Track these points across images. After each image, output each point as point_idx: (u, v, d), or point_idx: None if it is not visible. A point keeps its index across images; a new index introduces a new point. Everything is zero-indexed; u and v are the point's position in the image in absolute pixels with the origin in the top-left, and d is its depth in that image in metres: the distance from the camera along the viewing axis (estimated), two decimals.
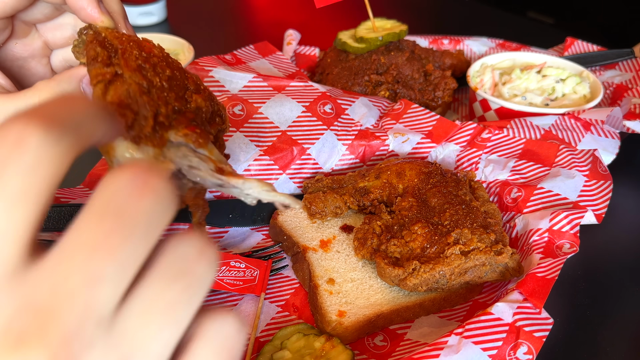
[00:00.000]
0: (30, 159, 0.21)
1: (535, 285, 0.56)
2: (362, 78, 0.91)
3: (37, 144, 0.21)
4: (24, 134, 0.21)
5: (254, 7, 1.52)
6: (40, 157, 0.21)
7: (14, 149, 0.21)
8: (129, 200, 0.22)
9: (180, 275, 0.23)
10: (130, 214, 0.22)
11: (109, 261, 0.21)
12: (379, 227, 0.63)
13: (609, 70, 1.00)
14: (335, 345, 0.54)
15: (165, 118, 0.40)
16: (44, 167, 0.21)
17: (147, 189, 0.22)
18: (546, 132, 0.79)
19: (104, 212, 0.22)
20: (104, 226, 0.21)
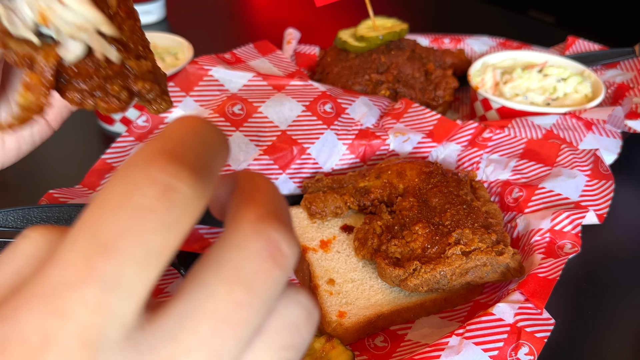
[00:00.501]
0: (178, 214, 0.19)
1: (537, 285, 0.56)
2: (363, 77, 0.90)
3: (188, 196, 0.19)
4: (175, 183, 0.19)
5: (254, 6, 1.52)
6: (187, 212, 0.19)
7: (162, 200, 0.18)
8: (263, 269, 0.20)
9: (288, 348, 0.21)
10: (261, 286, 0.20)
11: (234, 339, 0.19)
12: (380, 227, 0.63)
13: (611, 70, 0.99)
14: (336, 346, 0.53)
15: None
16: (188, 222, 0.19)
17: (281, 259, 0.20)
18: (547, 132, 0.78)
19: (235, 280, 0.19)
20: (234, 297, 0.19)
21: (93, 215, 0.19)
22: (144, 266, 0.18)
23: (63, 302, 0.18)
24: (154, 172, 0.19)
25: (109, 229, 0.18)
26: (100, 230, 0.18)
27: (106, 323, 0.18)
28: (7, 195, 0.76)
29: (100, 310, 0.18)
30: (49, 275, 0.18)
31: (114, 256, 0.18)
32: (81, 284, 0.18)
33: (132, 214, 0.18)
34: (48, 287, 0.18)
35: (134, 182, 0.19)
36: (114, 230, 0.18)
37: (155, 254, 0.19)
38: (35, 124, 0.53)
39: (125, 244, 0.18)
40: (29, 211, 0.60)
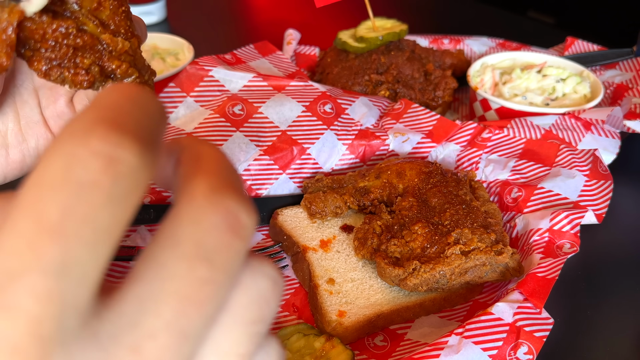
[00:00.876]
0: (126, 187, 0.17)
1: (536, 285, 0.56)
2: (362, 78, 0.90)
3: (134, 167, 0.18)
4: (119, 153, 0.17)
5: (254, 7, 1.52)
6: (135, 183, 0.18)
7: (107, 172, 0.17)
8: (224, 241, 0.19)
9: (257, 321, 0.20)
10: (223, 260, 0.19)
11: (200, 318, 0.18)
12: (379, 227, 0.63)
13: (610, 70, 1.00)
14: (335, 345, 0.54)
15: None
16: (136, 194, 0.18)
17: (241, 230, 0.19)
18: (546, 132, 0.79)
19: (195, 256, 0.18)
20: (196, 274, 0.18)
21: (33, 195, 0.17)
22: (94, 246, 0.17)
23: (8, 296, 0.16)
24: (95, 143, 0.17)
25: (52, 209, 0.16)
26: (42, 211, 0.16)
27: (59, 313, 0.16)
28: None
29: (51, 300, 0.16)
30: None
31: (61, 238, 0.16)
32: (27, 272, 0.16)
33: (76, 190, 0.17)
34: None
35: (74, 155, 0.17)
36: (57, 210, 0.16)
37: (105, 232, 0.17)
38: (42, 137, 0.53)
39: (72, 224, 0.16)
40: None
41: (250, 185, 0.73)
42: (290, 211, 0.71)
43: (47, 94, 0.53)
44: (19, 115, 0.51)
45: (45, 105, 0.52)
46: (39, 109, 0.52)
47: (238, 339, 0.20)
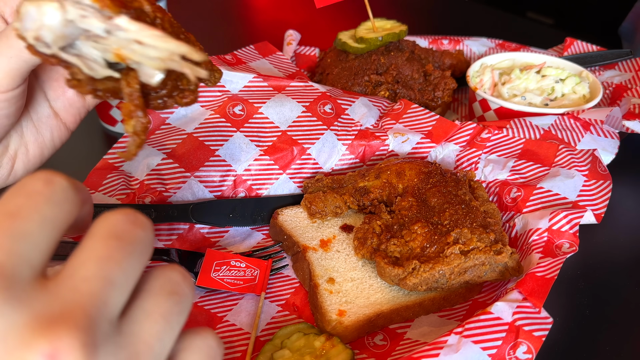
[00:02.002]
0: (59, 196, 0.26)
1: (535, 284, 0.56)
2: (362, 78, 0.91)
3: (64, 186, 0.27)
4: (53, 178, 0.27)
5: (254, 7, 1.52)
6: (66, 195, 0.27)
7: (45, 186, 0.26)
8: (127, 228, 0.27)
9: (172, 292, 0.28)
10: (129, 238, 0.27)
11: (118, 270, 0.26)
12: (379, 227, 0.63)
13: (609, 70, 1.00)
14: (335, 344, 0.54)
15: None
16: (68, 203, 0.27)
17: (139, 223, 0.28)
18: (545, 132, 0.79)
19: (108, 235, 0.26)
20: (110, 245, 0.26)
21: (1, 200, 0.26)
22: (41, 226, 0.25)
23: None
24: (37, 175, 0.27)
25: (11, 205, 0.25)
26: (5, 207, 0.25)
27: (18, 264, 0.24)
28: None
29: (12, 253, 0.24)
30: None
31: (18, 218, 0.25)
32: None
33: (26, 195, 0.26)
34: None
35: (23, 181, 0.27)
36: (14, 205, 0.25)
37: (48, 219, 0.26)
38: (55, 128, 0.54)
39: (25, 212, 0.25)
40: None
41: (250, 185, 0.74)
42: (290, 211, 0.71)
43: (54, 86, 0.54)
44: (30, 113, 0.53)
45: (54, 97, 0.54)
46: (47, 102, 0.54)
47: (158, 301, 0.27)
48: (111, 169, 0.70)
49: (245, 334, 0.58)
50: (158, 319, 0.27)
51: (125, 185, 0.69)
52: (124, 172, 0.70)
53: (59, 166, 0.83)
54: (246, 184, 0.74)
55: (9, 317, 0.23)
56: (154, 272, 0.29)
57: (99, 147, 0.87)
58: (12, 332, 0.22)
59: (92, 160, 0.72)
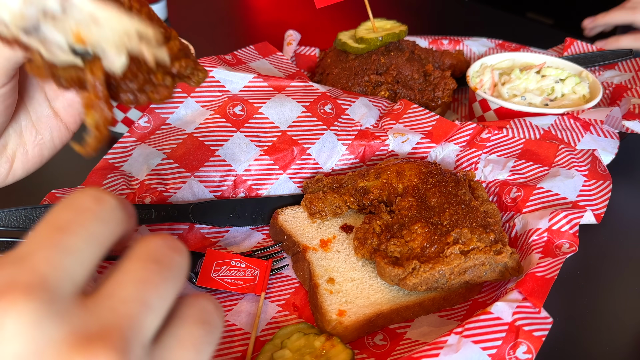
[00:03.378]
0: (108, 214, 0.27)
1: (535, 284, 0.56)
2: (362, 78, 0.91)
3: (113, 205, 0.28)
4: (103, 196, 0.27)
5: (254, 8, 1.52)
6: (114, 214, 0.27)
7: (95, 203, 0.27)
8: (165, 252, 0.28)
9: (204, 321, 0.28)
10: (167, 263, 0.28)
11: (155, 294, 0.26)
12: (379, 227, 0.63)
13: (608, 71, 1.00)
14: (335, 344, 0.54)
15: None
16: (115, 221, 0.27)
17: (177, 249, 0.28)
18: (545, 132, 0.79)
19: (147, 259, 0.27)
20: (149, 268, 0.27)
21: (48, 216, 0.26)
22: (88, 242, 0.26)
23: (29, 261, 0.24)
24: (87, 191, 0.27)
25: (61, 219, 0.26)
26: (55, 221, 0.26)
27: (62, 278, 0.24)
28: (10, 195, 0.77)
29: (57, 267, 0.24)
30: (17, 251, 0.24)
31: (66, 233, 0.25)
32: (43, 249, 0.24)
33: (76, 210, 0.26)
34: (16, 256, 0.24)
35: (73, 197, 0.27)
36: (64, 220, 0.26)
37: (95, 236, 0.26)
38: (55, 129, 0.54)
39: (74, 227, 0.26)
40: (31, 211, 0.61)
41: (250, 185, 0.74)
42: (290, 211, 0.71)
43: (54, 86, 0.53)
44: (29, 112, 0.52)
45: (54, 97, 0.53)
46: (47, 102, 0.53)
47: (191, 329, 0.28)
48: (111, 169, 0.71)
49: (246, 334, 0.58)
50: (189, 347, 0.27)
51: (126, 185, 0.69)
52: (124, 172, 0.70)
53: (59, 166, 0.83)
54: (246, 184, 0.74)
55: (49, 331, 0.23)
56: (187, 300, 0.29)
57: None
58: (51, 346, 0.23)
59: (92, 160, 0.72)
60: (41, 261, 0.24)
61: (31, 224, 0.61)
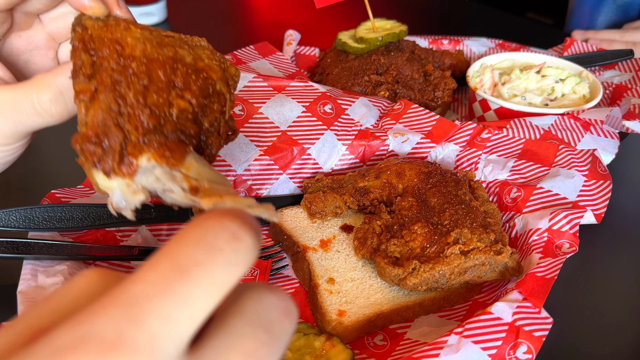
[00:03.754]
0: (240, 258, 0.23)
1: (535, 284, 0.56)
2: (362, 78, 0.91)
3: (249, 245, 0.24)
4: (241, 233, 0.24)
5: (254, 8, 1.52)
6: (246, 258, 0.24)
7: (230, 243, 0.23)
8: (278, 318, 0.25)
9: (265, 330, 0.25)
10: (277, 333, 0.24)
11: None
12: (379, 227, 0.63)
13: (609, 71, 1.00)
14: (335, 344, 0.54)
15: (134, 147, 0.39)
16: (245, 266, 0.24)
17: (290, 313, 0.26)
18: (545, 132, 0.79)
19: (258, 324, 0.24)
20: (258, 338, 0.24)
21: (173, 248, 0.23)
22: (208, 294, 0.22)
23: (140, 310, 0.21)
24: (227, 222, 0.24)
25: (186, 258, 0.22)
26: (178, 259, 0.22)
27: (170, 338, 0.21)
28: (10, 196, 0.77)
29: (169, 324, 0.21)
30: (129, 289, 0.21)
31: (189, 279, 0.22)
32: (159, 297, 0.21)
33: (206, 250, 0.23)
34: (127, 298, 0.21)
35: (209, 226, 0.23)
36: (190, 260, 0.22)
37: (218, 286, 0.22)
38: None
39: (198, 273, 0.22)
40: (31, 211, 0.61)
41: (250, 185, 0.74)
42: (290, 211, 0.71)
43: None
44: None
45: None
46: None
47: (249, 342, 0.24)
48: None
49: None
50: None
51: None
52: None
53: (59, 166, 0.83)
54: (246, 184, 0.74)
55: None
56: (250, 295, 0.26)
57: None
58: None
59: None
60: (153, 314, 0.21)
61: (31, 224, 0.61)
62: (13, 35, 0.53)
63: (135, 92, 0.40)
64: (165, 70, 0.42)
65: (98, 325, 0.20)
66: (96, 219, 0.62)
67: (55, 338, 0.20)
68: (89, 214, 0.62)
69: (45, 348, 0.20)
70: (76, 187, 0.69)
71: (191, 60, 0.44)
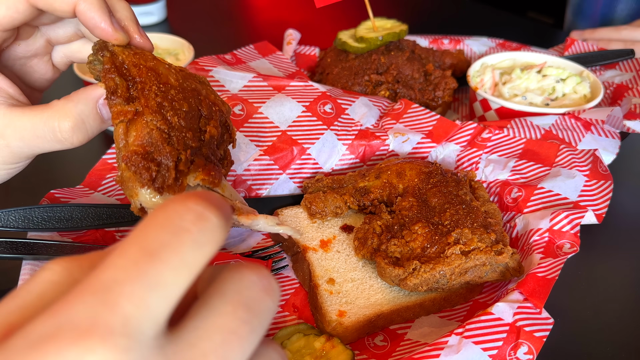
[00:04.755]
0: (207, 237, 0.23)
1: (536, 285, 0.56)
2: (362, 78, 0.91)
3: (216, 225, 0.24)
4: (207, 213, 0.24)
5: (254, 7, 1.52)
6: (214, 237, 0.24)
7: (196, 223, 0.23)
8: (259, 296, 0.25)
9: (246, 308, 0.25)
10: (258, 310, 0.24)
11: (239, 349, 0.23)
12: (379, 227, 0.63)
13: (609, 70, 1.00)
14: (336, 345, 0.54)
15: (184, 165, 0.41)
16: (214, 245, 0.24)
17: (271, 290, 0.25)
18: (546, 132, 0.79)
19: (239, 302, 0.24)
20: (238, 316, 0.24)
21: (140, 233, 0.23)
22: (179, 274, 0.22)
23: (113, 296, 0.21)
24: (191, 204, 0.24)
25: (154, 242, 0.22)
26: (146, 242, 0.22)
27: (145, 319, 0.21)
28: (9, 196, 0.77)
29: (142, 306, 0.21)
30: (100, 276, 0.22)
31: (158, 261, 0.22)
32: (130, 281, 0.21)
33: (172, 231, 0.23)
34: (99, 285, 0.21)
35: (173, 209, 0.23)
36: (157, 243, 0.22)
37: (188, 266, 0.23)
38: None
39: (166, 254, 0.22)
40: (30, 211, 0.61)
41: (250, 185, 0.73)
42: (290, 211, 0.71)
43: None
44: None
45: None
46: None
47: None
48: (110, 169, 0.70)
49: None
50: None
51: None
52: None
53: (58, 166, 0.83)
54: (246, 184, 0.73)
55: None
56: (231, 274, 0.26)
57: (98, 147, 0.87)
58: None
59: (91, 161, 0.72)
60: (126, 298, 0.21)
61: (30, 224, 0.61)
62: (13, 44, 0.53)
63: (179, 116, 0.43)
64: (195, 99, 0.46)
65: (72, 313, 0.20)
66: (95, 219, 0.62)
67: (30, 331, 0.20)
68: (88, 214, 0.62)
69: (22, 342, 0.20)
70: (75, 187, 0.69)
71: (206, 94, 0.48)
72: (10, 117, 0.47)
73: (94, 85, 0.48)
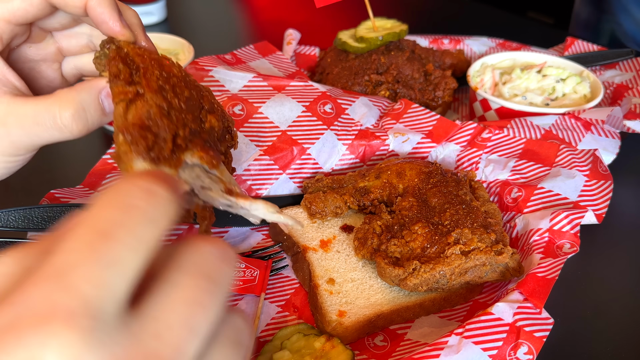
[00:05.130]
0: (158, 212, 0.24)
1: (536, 285, 0.56)
2: (362, 78, 0.90)
3: (165, 198, 0.24)
4: (155, 188, 0.24)
5: (254, 7, 1.52)
6: (165, 211, 0.24)
7: (145, 199, 0.23)
8: (217, 265, 0.25)
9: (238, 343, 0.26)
10: (218, 278, 0.25)
11: (203, 317, 0.24)
12: (379, 227, 0.63)
13: (609, 70, 1.00)
14: (336, 345, 0.54)
15: (182, 140, 0.42)
16: (166, 219, 0.24)
17: (228, 259, 0.26)
18: (546, 132, 0.79)
19: (198, 273, 0.24)
20: (199, 286, 0.24)
21: (90, 214, 0.23)
22: (134, 251, 0.22)
23: (70, 279, 0.21)
24: (138, 181, 0.24)
25: (104, 221, 0.22)
26: (97, 223, 0.22)
27: (105, 298, 0.21)
28: (9, 196, 0.77)
29: (100, 285, 0.21)
30: (54, 261, 0.21)
31: (110, 240, 0.22)
32: (85, 263, 0.21)
33: (123, 209, 0.23)
34: (54, 270, 0.21)
35: (121, 188, 0.24)
36: (109, 222, 0.22)
37: (143, 242, 0.23)
38: None
39: (119, 232, 0.22)
40: (30, 211, 0.61)
41: (250, 185, 0.73)
42: (290, 211, 0.71)
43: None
44: None
45: None
46: None
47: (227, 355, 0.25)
48: (110, 169, 0.70)
49: None
50: None
51: None
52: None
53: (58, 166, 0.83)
54: (246, 184, 0.73)
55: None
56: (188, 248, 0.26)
57: (98, 147, 0.87)
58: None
59: (91, 161, 0.72)
60: (83, 279, 0.21)
61: (30, 224, 0.61)
62: (25, 45, 0.54)
63: (179, 99, 0.44)
64: (197, 92, 0.47)
65: (30, 301, 0.20)
66: None
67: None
68: None
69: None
70: (75, 187, 0.69)
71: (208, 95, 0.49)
72: (13, 105, 0.48)
73: (98, 77, 0.49)
